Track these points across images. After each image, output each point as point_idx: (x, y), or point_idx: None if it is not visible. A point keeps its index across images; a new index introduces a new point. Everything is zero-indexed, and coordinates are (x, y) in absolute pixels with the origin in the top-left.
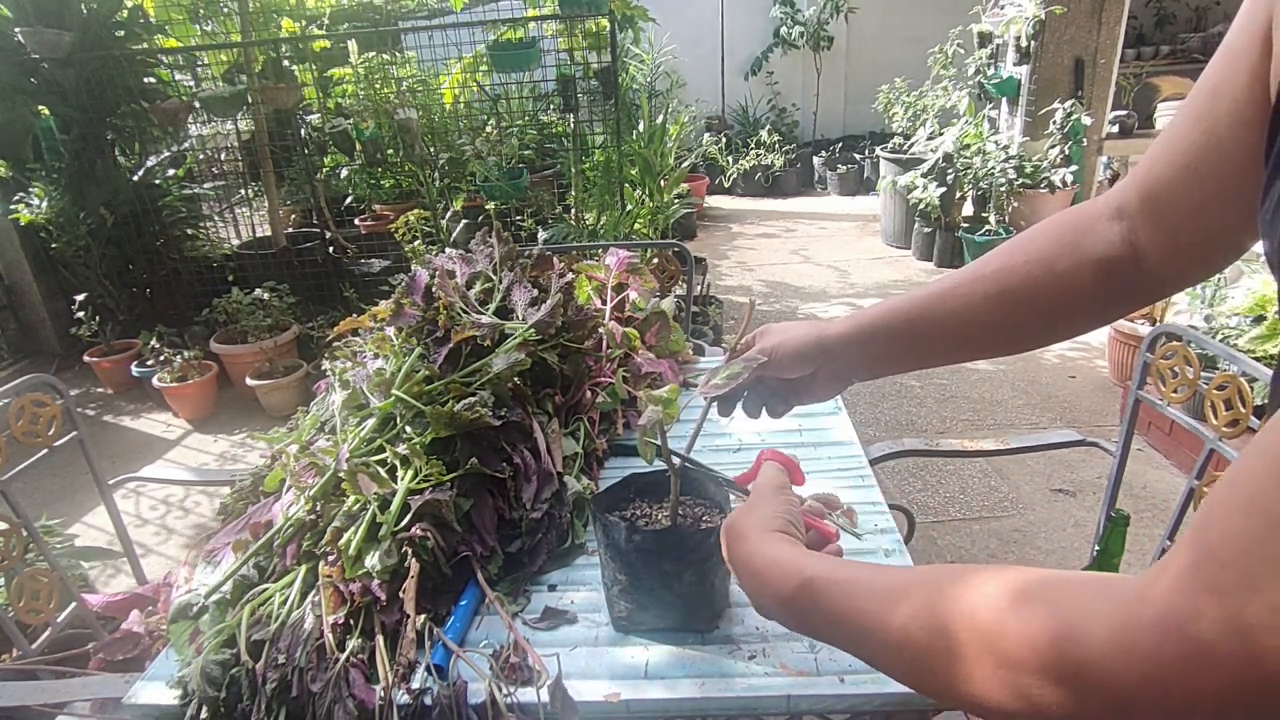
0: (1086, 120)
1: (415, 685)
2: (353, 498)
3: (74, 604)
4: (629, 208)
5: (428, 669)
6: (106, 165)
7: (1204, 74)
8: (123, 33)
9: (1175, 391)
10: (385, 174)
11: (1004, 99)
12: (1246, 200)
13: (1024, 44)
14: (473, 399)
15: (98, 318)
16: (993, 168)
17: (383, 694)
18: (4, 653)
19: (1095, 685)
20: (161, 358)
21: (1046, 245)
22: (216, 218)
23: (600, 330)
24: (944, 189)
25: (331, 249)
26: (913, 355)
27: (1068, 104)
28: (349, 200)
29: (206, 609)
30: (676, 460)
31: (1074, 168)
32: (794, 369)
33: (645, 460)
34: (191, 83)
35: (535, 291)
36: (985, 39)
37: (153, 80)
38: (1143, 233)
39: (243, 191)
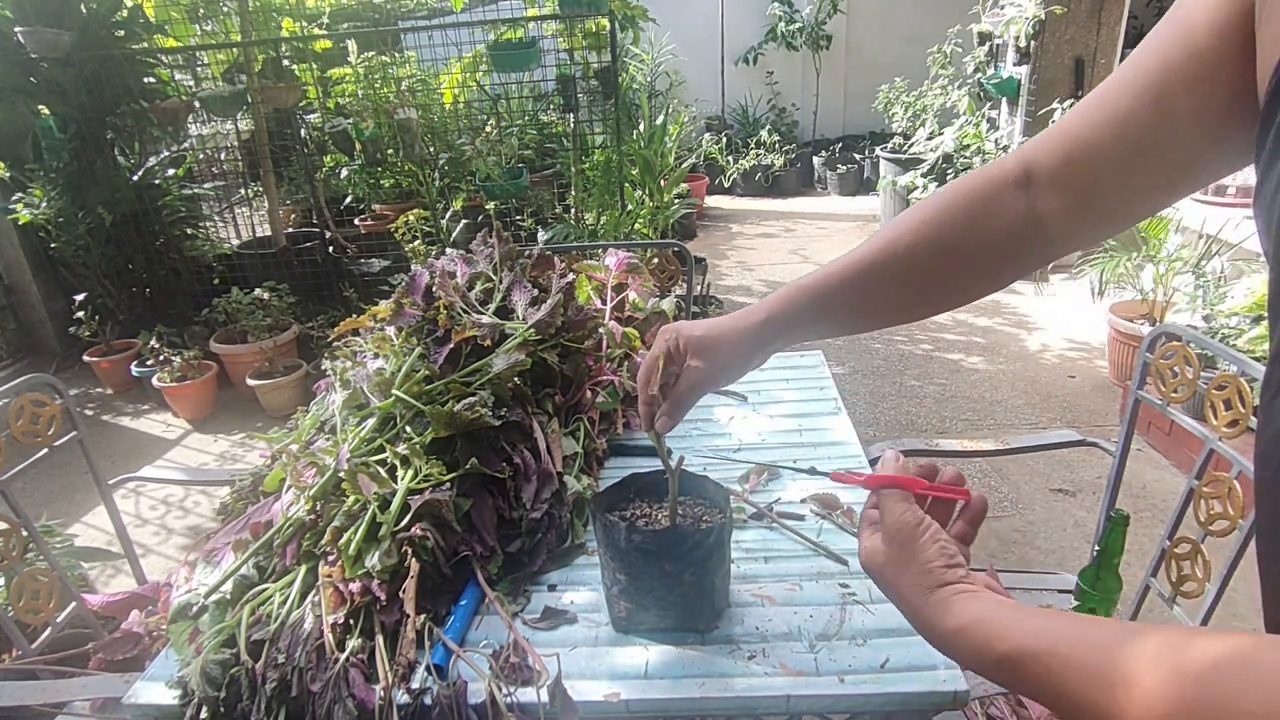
0: None
1: (415, 685)
2: (353, 498)
3: (74, 604)
4: (629, 208)
5: (428, 669)
6: (106, 165)
7: (1151, 44)
8: (122, 32)
9: (1175, 391)
10: (385, 174)
11: (1004, 99)
12: (1183, 172)
13: (1024, 44)
14: (473, 399)
15: (97, 317)
16: None
17: (383, 694)
18: (4, 653)
19: None
20: (161, 358)
21: (955, 223)
22: (216, 218)
23: (600, 330)
24: None
25: (331, 249)
26: (826, 328)
27: (1067, 104)
28: (349, 200)
29: (206, 609)
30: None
31: None
32: (734, 380)
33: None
34: (191, 82)
35: (535, 291)
36: (985, 39)
37: (152, 80)
38: (1051, 199)
39: (242, 191)
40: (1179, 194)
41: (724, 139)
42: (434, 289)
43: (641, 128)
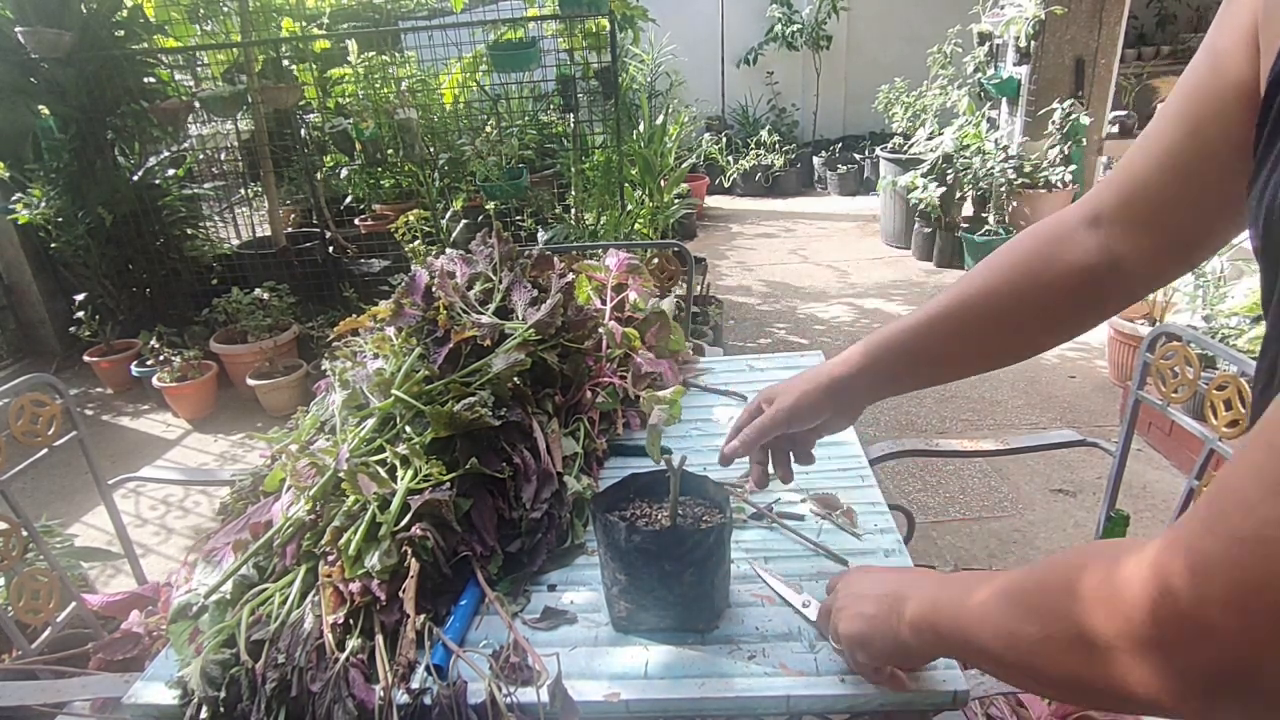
0: (1086, 120)
1: (415, 685)
2: (353, 498)
3: (74, 604)
4: (629, 208)
5: (427, 669)
6: (106, 165)
7: (1186, 76)
8: (122, 32)
9: (1175, 392)
10: (385, 174)
11: (1004, 99)
12: (1228, 196)
13: (1024, 44)
14: (473, 399)
15: (97, 317)
16: (992, 167)
17: (382, 694)
18: (4, 653)
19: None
20: (161, 357)
21: (1028, 262)
22: (216, 218)
23: (600, 330)
24: (944, 189)
25: (331, 249)
26: (912, 379)
27: (1067, 104)
28: (349, 200)
29: (206, 609)
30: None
31: (1073, 167)
32: (812, 420)
33: (654, 459)
34: (191, 82)
35: (535, 291)
36: (985, 39)
37: (153, 80)
38: (1121, 236)
39: (242, 191)
40: (1243, 219)
41: (724, 139)
42: (434, 289)
43: (641, 128)
